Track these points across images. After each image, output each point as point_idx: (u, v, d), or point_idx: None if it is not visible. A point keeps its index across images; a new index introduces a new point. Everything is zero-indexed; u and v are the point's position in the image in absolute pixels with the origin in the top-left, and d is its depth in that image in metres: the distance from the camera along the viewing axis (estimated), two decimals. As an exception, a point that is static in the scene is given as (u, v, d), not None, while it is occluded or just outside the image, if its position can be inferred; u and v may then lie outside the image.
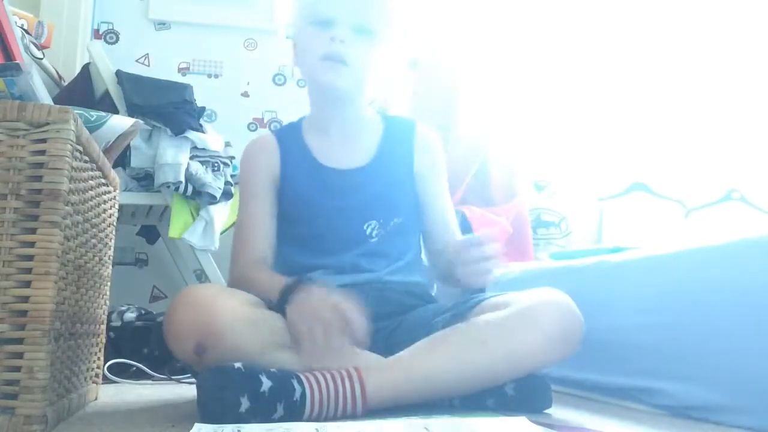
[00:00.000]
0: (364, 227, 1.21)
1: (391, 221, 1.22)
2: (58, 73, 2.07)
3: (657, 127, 2.46)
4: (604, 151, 2.45)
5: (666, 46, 2.49)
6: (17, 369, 0.78)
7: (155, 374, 1.48)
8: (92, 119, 1.08)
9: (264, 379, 0.88)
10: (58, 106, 0.83)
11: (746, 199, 2.35)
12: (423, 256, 1.32)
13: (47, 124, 0.81)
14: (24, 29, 1.79)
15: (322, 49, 1.17)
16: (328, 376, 0.93)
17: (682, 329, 1.08)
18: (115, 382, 1.40)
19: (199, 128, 1.92)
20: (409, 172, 1.27)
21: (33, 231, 0.80)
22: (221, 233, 1.95)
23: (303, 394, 0.90)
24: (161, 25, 2.50)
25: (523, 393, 1.04)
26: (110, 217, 1.17)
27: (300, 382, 0.91)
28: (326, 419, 0.91)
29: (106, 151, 1.13)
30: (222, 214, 1.95)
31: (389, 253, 1.22)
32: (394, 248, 1.22)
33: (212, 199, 1.88)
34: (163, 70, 2.41)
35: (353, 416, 0.93)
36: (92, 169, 0.99)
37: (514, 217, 2.12)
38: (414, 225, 1.28)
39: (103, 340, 1.19)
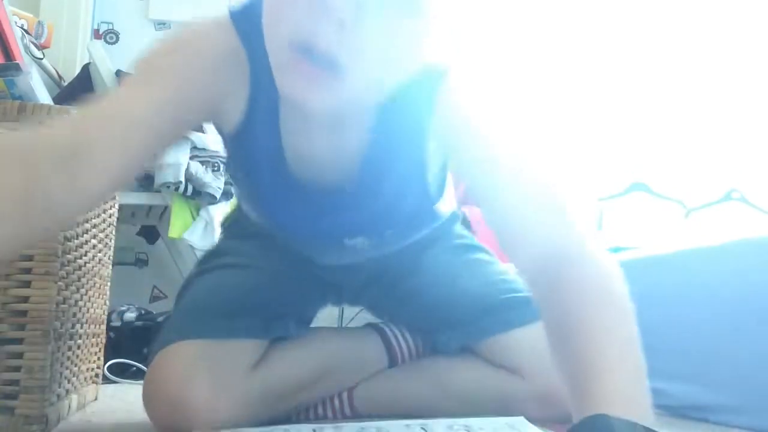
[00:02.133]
0: (344, 240, 0.89)
1: (386, 233, 0.90)
2: (58, 73, 2.07)
3: (657, 127, 2.47)
4: (604, 151, 2.45)
5: (666, 45, 2.49)
6: (17, 369, 0.78)
7: (155, 374, 1.48)
8: (92, 119, 1.07)
9: None
10: (58, 106, 0.83)
11: (746, 199, 2.34)
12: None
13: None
14: (24, 29, 1.79)
15: (294, 30, 0.58)
16: None
17: (682, 329, 1.08)
18: (115, 382, 1.40)
19: (199, 128, 1.92)
20: (418, 164, 0.83)
21: (33, 231, 0.80)
22: (221, 233, 1.95)
23: None
24: (161, 25, 2.50)
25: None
26: (110, 217, 1.17)
27: None
28: None
29: (106, 151, 1.12)
30: (222, 214, 1.95)
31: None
32: (396, 244, 0.95)
33: (212, 199, 1.88)
34: (163, 70, 2.41)
35: None
36: (92, 169, 0.99)
37: (514, 217, 2.12)
38: (427, 212, 0.93)
39: (103, 340, 1.19)
